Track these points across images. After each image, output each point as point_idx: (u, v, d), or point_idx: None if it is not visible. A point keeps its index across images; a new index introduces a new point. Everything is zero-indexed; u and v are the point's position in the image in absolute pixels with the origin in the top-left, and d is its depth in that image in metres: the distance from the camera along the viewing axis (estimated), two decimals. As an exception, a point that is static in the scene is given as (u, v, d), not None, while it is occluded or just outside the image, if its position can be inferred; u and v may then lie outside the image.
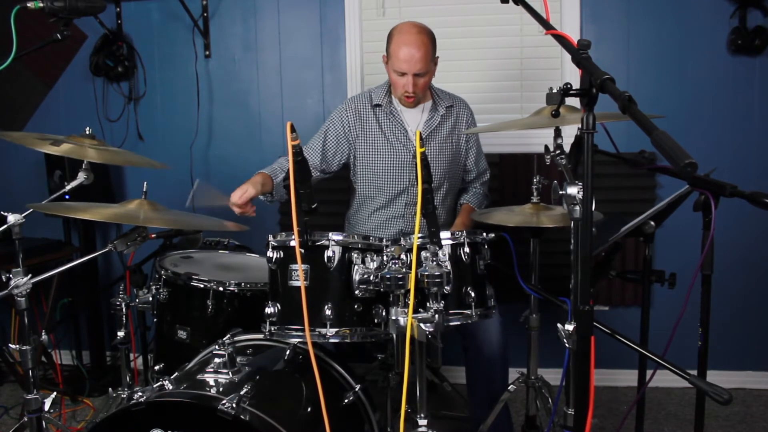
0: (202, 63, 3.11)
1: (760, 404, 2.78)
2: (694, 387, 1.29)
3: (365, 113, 2.33)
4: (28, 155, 3.13)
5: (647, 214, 1.67)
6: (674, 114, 2.81)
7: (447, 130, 2.35)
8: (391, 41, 2.20)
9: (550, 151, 1.52)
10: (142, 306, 2.08)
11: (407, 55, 2.12)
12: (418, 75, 2.16)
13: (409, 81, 2.16)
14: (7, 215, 1.69)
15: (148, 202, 1.84)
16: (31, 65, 3.17)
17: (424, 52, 2.13)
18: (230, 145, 3.16)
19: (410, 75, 2.15)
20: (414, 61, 2.12)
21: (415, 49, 2.12)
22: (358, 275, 1.57)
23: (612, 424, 2.58)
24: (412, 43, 2.13)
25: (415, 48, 2.12)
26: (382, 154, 2.31)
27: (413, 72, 2.14)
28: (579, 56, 1.16)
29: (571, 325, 1.18)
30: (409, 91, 2.18)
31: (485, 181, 2.52)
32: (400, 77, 2.18)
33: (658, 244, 2.05)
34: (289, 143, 1.48)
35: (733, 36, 2.75)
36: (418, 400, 1.53)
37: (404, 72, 2.15)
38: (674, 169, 0.93)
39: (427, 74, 2.18)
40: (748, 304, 2.90)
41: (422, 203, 1.45)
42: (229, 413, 1.36)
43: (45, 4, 1.65)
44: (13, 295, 1.66)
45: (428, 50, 2.15)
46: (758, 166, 2.83)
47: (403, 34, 2.16)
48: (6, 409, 2.79)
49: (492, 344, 2.09)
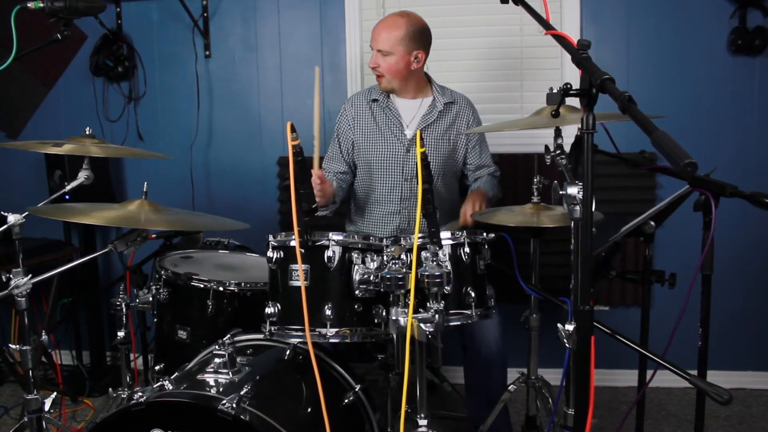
0: (202, 63, 3.11)
1: (760, 404, 2.78)
2: (694, 387, 1.29)
3: (362, 108, 2.37)
4: (29, 155, 3.14)
5: (647, 214, 1.67)
6: (674, 114, 2.81)
7: (444, 126, 2.34)
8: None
9: (550, 151, 1.52)
10: (142, 306, 2.08)
11: (375, 31, 2.23)
12: (381, 52, 2.22)
13: (373, 56, 2.24)
14: (7, 215, 1.69)
15: (148, 202, 1.84)
16: (31, 65, 3.17)
17: (390, 32, 2.20)
18: (230, 145, 3.16)
19: (375, 51, 2.23)
20: (377, 37, 2.22)
21: (382, 26, 2.22)
22: (358, 275, 1.57)
23: (612, 424, 2.57)
24: (384, 21, 2.23)
25: (383, 25, 2.22)
26: (376, 147, 2.33)
27: (377, 48, 2.22)
28: (579, 56, 1.16)
29: (571, 325, 1.18)
30: (371, 65, 2.26)
31: (493, 171, 2.47)
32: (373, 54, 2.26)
33: (658, 244, 2.05)
34: (290, 143, 1.48)
35: (733, 36, 2.75)
36: (418, 400, 1.53)
37: (372, 47, 2.24)
38: (674, 169, 0.93)
39: (390, 56, 2.21)
40: (748, 304, 2.90)
41: (422, 203, 1.45)
42: (229, 413, 1.36)
43: (45, 4, 1.65)
44: (13, 295, 1.66)
45: (400, 32, 2.19)
46: (758, 166, 2.83)
47: (385, 17, 2.27)
48: (6, 409, 2.78)
49: (490, 343, 2.09)
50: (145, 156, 1.97)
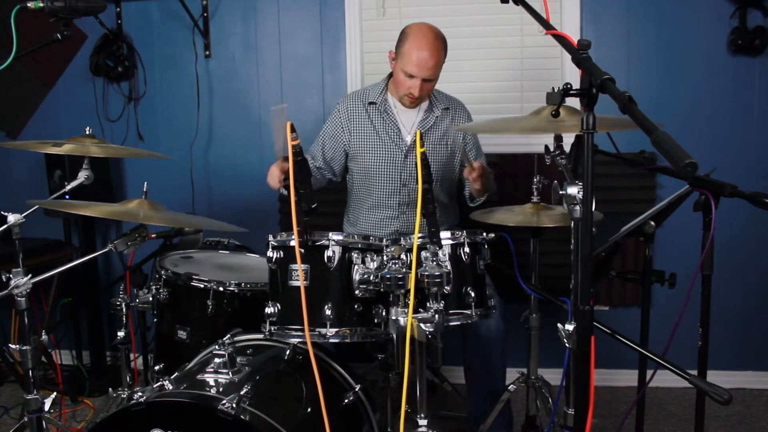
0: (202, 63, 3.11)
1: (760, 404, 2.78)
2: (694, 387, 1.29)
3: (358, 112, 2.33)
4: (29, 155, 3.13)
5: (647, 214, 1.67)
6: (674, 114, 2.81)
7: (441, 131, 2.34)
8: (404, 41, 2.15)
9: (550, 151, 1.52)
10: (142, 306, 2.08)
11: (420, 60, 2.10)
12: (427, 80, 2.14)
13: (417, 84, 2.13)
14: (7, 215, 1.69)
15: (148, 202, 1.84)
16: (31, 65, 3.17)
17: (437, 59, 2.12)
18: (230, 145, 3.16)
19: (419, 79, 2.12)
20: (427, 66, 2.10)
21: (429, 54, 2.10)
22: (358, 275, 1.57)
23: (612, 424, 2.57)
24: (426, 47, 2.10)
25: (429, 53, 2.10)
26: (374, 152, 2.31)
27: (423, 77, 2.12)
28: (579, 56, 1.16)
29: (571, 325, 1.18)
30: (414, 94, 2.16)
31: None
32: (407, 78, 2.15)
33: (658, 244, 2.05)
34: (290, 143, 1.48)
35: (733, 36, 2.74)
36: (418, 400, 1.53)
37: (413, 75, 2.12)
38: (674, 169, 0.93)
39: (435, 80, 2.18)
40: (748, 304, 2.90)
41: (422, 203, 1.45)
42: (229, 413, 1.36)
43: (45, 4, 1.65)
44: (13, 295, 1.66)
45: (441, 57, 2.14)
46: (758, 166, 2.83)
47: (419, 38, 2.12)
48: (6, 409, 2.78)
49: (489, 324, 2.08)
50: (144, 156, 1.97)
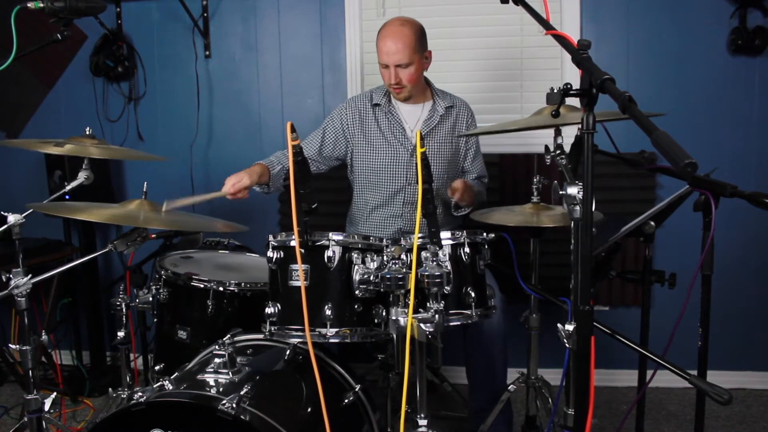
0: (202, 63, 3.11)
1: (760, 404, 2.78)
2: (694, 387, 1.29)
3: (365, 112, 2.36)
4: (29, 155, 3.13)
5: (647, 214, 1.67)
6: (674, 114, 2.80)
7: (446, 130, 2.35)
8: (377, 37, 2.25)
9: (550, 151, 1.52)
10: (142, 306, 2.08)
11: (387, 47, 2.19)
12: (400, 66, 2.20)
13: (392, 72, 2.22)
14: (7, 215, 1.69)
15: (148, 202, 1.84)
16: (31, 65, 3.17)
17: (404, 44, 2.17)
18: (230, 145, 3.16)
19: (392, 66, 2.20)
20: (393, 52, 2.18)
21: (393, 41, 2.18)
22: (359, 275, 1.57)
23: (612, 424, 2.57)
24: (391, 35, 2.20)
25: (393, 40, 2.18)
26: (379, 152, 2.33)
27: (394, 63, 2.20)
28: (579, 56, 1.16)
29: (571, 325, 1.18)
30: (392, 82, 2.24)
31: (481, 178, 2.50)
32: (385, 69, 2.24)
33: (658, 244, 2.05)
34: (289, 143, 1.48)
35: (733, 36, 2.74)
36: (418, 400, 1.53)
37: (387, 64, 2.21)
38: (674, 169, 0.93)
39: (410, 65, 2.21)
40: (748, 304, 2.90)
41: (422, 203, 1.45)
42: (229, 413, 1.36)
43: (45, 5, 1.65)
44: (13, 295, 1.66)
45: (409, 41, 2.18)
46: (758, 166, 2.83)
47: (385, 28, 2.24)
48: (6, 409, 2.78)
49: (492, 323, 2.08)
50: (143, 158, 1.97)
